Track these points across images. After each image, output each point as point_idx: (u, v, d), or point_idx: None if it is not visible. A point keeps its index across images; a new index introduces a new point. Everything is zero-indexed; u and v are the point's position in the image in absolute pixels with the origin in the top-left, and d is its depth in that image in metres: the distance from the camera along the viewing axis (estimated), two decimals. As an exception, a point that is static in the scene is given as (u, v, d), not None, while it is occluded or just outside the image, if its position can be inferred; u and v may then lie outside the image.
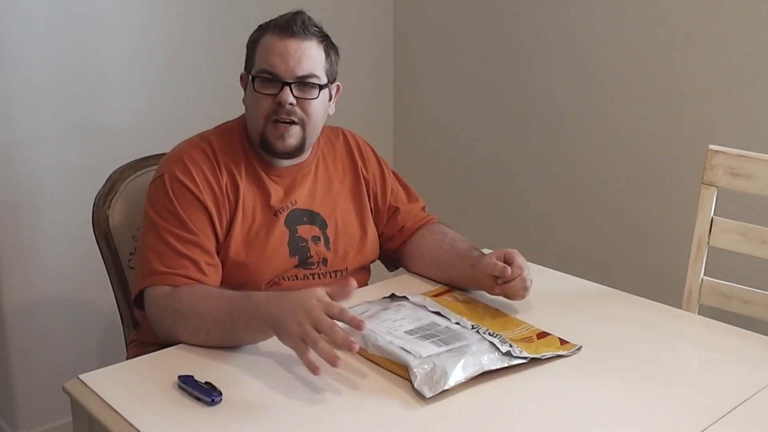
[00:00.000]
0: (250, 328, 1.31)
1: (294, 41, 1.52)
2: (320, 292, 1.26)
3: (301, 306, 1.24)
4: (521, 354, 1.29)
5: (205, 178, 1.53)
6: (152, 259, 1.46)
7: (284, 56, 1.51)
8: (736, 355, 1.38)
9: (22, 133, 2.21)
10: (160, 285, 1.44)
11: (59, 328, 2.36)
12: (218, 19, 2.49)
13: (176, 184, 1.51)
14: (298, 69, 1.51)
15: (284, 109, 1.51)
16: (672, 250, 2.27)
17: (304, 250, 1.59)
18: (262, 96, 1.53)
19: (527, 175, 2.67)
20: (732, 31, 2.12)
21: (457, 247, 1.65)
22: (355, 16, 2.84)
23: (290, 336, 1.23)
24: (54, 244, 2.31)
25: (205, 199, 1.51)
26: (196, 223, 1.50)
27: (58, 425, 2.35)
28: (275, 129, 1.53)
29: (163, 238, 1.47)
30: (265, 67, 1.52)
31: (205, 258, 1.48)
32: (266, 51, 1.53)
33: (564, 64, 2.49)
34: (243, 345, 1.35)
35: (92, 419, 1.19)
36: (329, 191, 1.65)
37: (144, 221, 1.53)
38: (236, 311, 1.32)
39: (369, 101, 2.94)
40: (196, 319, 1.35)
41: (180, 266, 1.45)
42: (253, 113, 1.55)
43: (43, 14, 2.18)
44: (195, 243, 1.48)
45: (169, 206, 1.50)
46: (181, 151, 1.56)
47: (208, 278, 1.47)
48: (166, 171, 1.53)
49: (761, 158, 1.69)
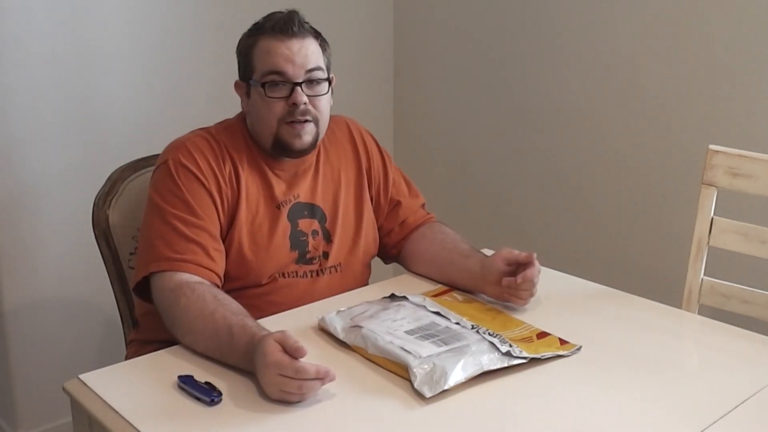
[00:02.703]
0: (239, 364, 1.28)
1: (295, 41, 1.52)
2: (275, 361, 1.18)
3: (265, 375, 1.19)
4: (521, 354, 1.29)
5: (209, 165, 1.52)
6: (159, 244, 1.45)
7: (290, 57, 1.51)
8: (736, 355, 1.37)
9: (22, 133, 2.21)
10: (168, 271, 1.43)
11: (59, 328, 2.36)
12: (219, 20, 2.49)
13: (181, 169, 1.51)
14: (306, 65, 1.52)
15: (299, 110, 1.52)
16: (672, 250, 2.27)
17: (303, 244, 1.59)
18: (274, 100, 1.52)
19: (526, 174, 2.67)
20: (732, 31, 2.12)
21: (460, 246, 1.65)
22: (355, 16, 2.84)
23: (273, 395, 1.19)
24: (54, 244, 2.31)
25: (210, 185, 1.51)
26: (203, 208, 1.49)
27: (58, 425, 2.35)
28: (291, 129, 1.53)
29: (170, 223, 1.47)
30: (272, 70, 1.52)
31: (212, 243, 1.48)
32: (268, 54, 1.52)
33: (564, 63, 2.49)
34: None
35: (92, 419, 1.19)
36: (331, 182, 1.65)
37: (148, 207, 1.52)
38: (225, 349, 1.29)
39: (369, 100, 2.93)
40: (191, 337, 1.34)
41: (188, 251, 1.45)
42: (264, 118, 1.54)
43: (43, 14, 2.17)
44: (202, 228, 1.48)
45: (175, 191, 1.49)
46: (184, 139, 1.57)
47: (216, 264, 1.47)
48: (171, 157, 1.53)
49: (761, 158, 1.69)
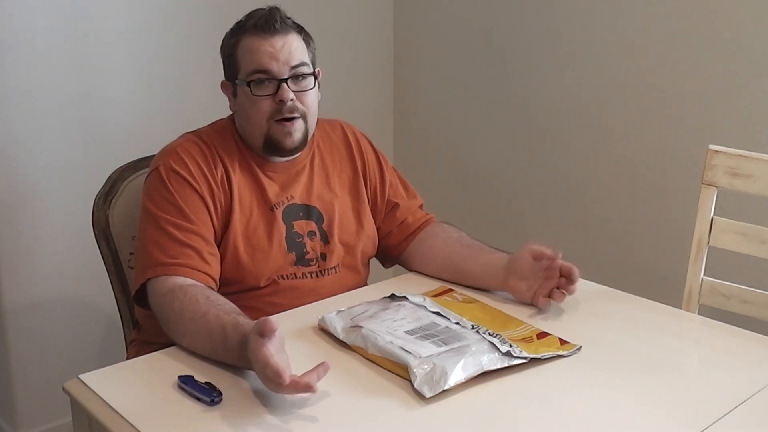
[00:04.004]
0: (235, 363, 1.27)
1: (278, 37, 1.53)
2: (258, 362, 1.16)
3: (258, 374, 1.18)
4: (521, 354, 1.29)
5: (200, 169, 1.53)
6: (153, 250, 1.46)
7: (273, 54, 1.52)
8: (736, 355, 1.37)
9: (22, 133, 2.21)
10: (163, 276, 1.43)
11: (59, 328, 2.36)
12: (219, 20, 2.47)
13: (173, 175, 1.51)
14: (291, 62, 1.52)
15: (287, 106, 1.52)
16: (672, 250, 2.27)
17: (300, 245, 1.59)
18: (261, 98, 1.53)
19: (527, 174, 2.67)
20: (732, 31, 2.12)
21: (478, 243, 1.66)
22: (355, 17, 2.84)
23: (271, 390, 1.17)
24: (54, 244, 2.31)
25: (202, 190, 1.51)
26: (196, 213, 1.49)
27: (58, 425, 2.35)
28: (281, 127, 1.53)
29: (164, 229, 1.47)
30: (257, 69, 1.52)
31: (206, 247, 1.48)
32: (252, 53, 1.53)
33: (564, 63, 2.49)
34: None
35: (92, 419, 1.19)
36: (326, 185, 1.65)
37: (142, 215, 1.53)
38: (220, 349, 1.28)
39: (369, 101, 2.93)
40: (187, 340, 1.34)
41: (183, 255, 1.45)
42: (252, 117, 1.54)
43: (43, 14, 2.18)
44: (195, 232, 1.48)
45: (167, 197, 1.49)
46: (174, 144, 1.57)
47: (210, 267, 1.47)
48: (162, 163, 1.53)
49: (761, 158, 1.69)
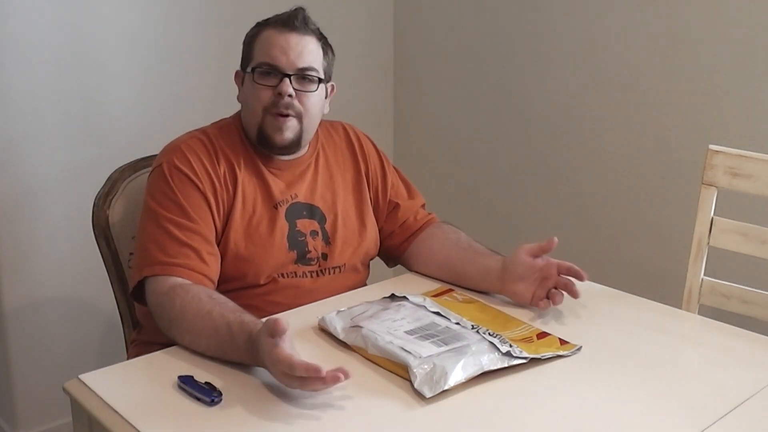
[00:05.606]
0: (243, 361, 1.27)
1: (295, 35, 1.54)
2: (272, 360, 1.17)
3: (273, 373, 1.18)
4: (521, 354, 1.29)
5: (203, 167, 1.53)
6: (152, 248, 1.45)
7: (285, 49, 1.52)
8: (736, 355, 1.37)
9: (22, 133, 2.21)
10: (161, 275, 1.43)
11: (59, 328, 2.36)
12: (220, 19, 2.49)
13: (175, 173, 1.51)
14: (299, 61, 1.53)
15: (283, 101, 1.52)
16: (672, 250, 2.27)
17: (302, 244, 1.58)
18: (262, 87, 1.53)
19: (526, 175, 2.67)
20: (732, 31, 2.12)
21: (475, 246, 1.65)
22: (355, 16, 2.84)
23: (287, 386, 1.18)
24: (54, 244, 2.31)
25: (204, 188, 1.51)
26: (197, 211, 1.49)
27: (58, 425, 2.35)
28: (274, 121, 1.53)
29: (164, 227, 1.47)
30: (266, 60, 1.53)
31: (206, 247, 1.48)
32: (266, 44, 1.54)
33: (564, 63, 2.49)
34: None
35: (92, 419, 1.19)
36: (330, 184, 1.65)
37: (143, 212, 1.52)
38: (226, 347, 1.28)
39: (369, 101, 2.94)
40: (189, 336, 1.33)
41: (181, 255, 1.44)
42: (251, 105, 1.55)
43: (44, 14, 2.18)
44: (196, 231, 1.47)
45: (169, 194, 1.49)
46: (178, 141, 1.57)
47: (209, 267, 1.47)
48: (165, 160, 1.53)
49: (761, 158, 1.69)
